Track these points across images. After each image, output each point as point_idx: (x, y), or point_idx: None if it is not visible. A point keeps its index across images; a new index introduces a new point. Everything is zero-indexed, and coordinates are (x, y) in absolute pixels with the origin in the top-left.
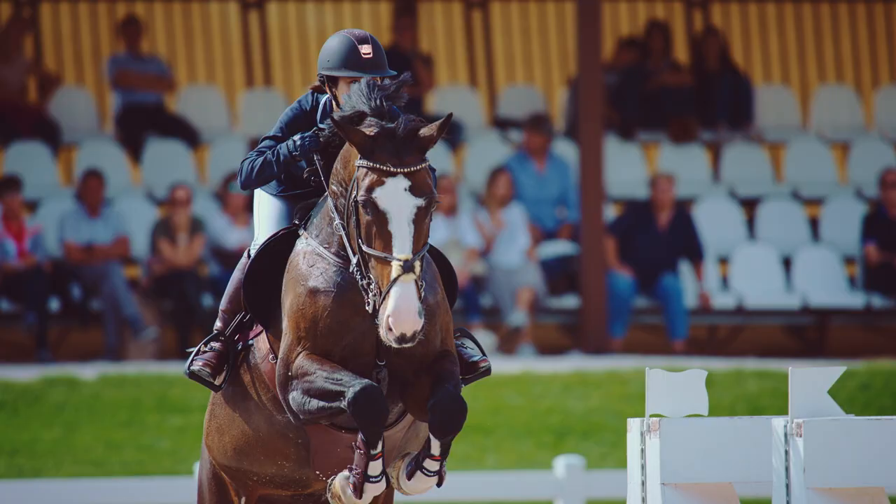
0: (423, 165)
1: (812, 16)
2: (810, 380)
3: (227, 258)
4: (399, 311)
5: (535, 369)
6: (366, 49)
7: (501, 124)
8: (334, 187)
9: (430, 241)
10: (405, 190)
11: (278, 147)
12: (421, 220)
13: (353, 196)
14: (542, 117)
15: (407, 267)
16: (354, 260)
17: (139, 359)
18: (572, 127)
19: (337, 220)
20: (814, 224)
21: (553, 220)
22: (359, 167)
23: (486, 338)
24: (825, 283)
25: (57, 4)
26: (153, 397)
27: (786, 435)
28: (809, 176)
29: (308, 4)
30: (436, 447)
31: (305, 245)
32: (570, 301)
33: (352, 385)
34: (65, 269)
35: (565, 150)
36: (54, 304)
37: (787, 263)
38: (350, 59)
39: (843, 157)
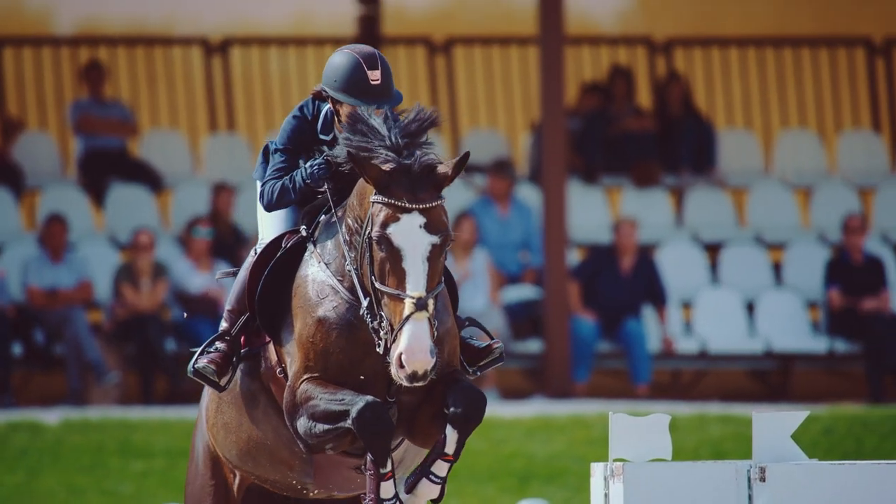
0: (439, 202)
1: (774, 60)
2: (774, 424)
3: (191, 303)
4: (411, 349)
5: (498, 413)
6: (374, 75)
7: (465, 169)
8: (350, 221)
9: None
10: (420, 227)
11: (294, 174)
12: (435, 258)
13: (367, 232)
14: (506, 162)
15: (420, 304)
16: (365, 302)
17: (102, 403)
18: (536, 171)
19: (349, 261)
20: (777, 268)
21: (517, 265)
22: (373, 203)
23: None
24: (788, 327)
25: (20, 49)
26: (116, 442)
27: (749, 479)
28: (772, 220)
29: (271, 49)
30: (451, 444)
31: (317, 271)
32: (533, 345)
33: (355, 403)
34: (28, 314)
35: (529, 195)
36: (17, 349)
37: (750, 308)
38: (357, 83)
39: (806, 202)
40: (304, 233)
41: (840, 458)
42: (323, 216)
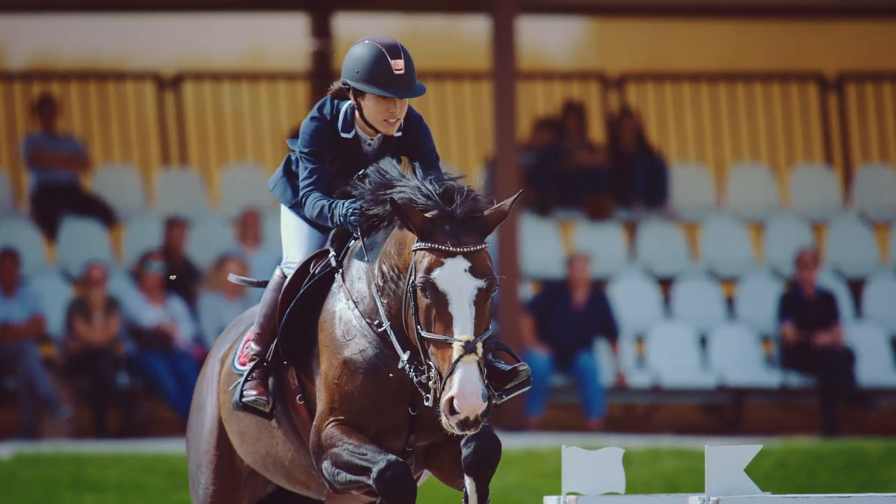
0: (483, 246)
1: (727, 95)
2: (727, 457)
3: (143, 336)
4: (463, 394)
5: None
6: (398, 64)
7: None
8: (385, 268)
9: None
10: (465, 271)
11: (333, 206)
12: (482, 302)
13: (410, 281)
14: None
15: (469, 348)
16: (406, 355)
17: (55, 437)
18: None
19: (382, 311)
20: (730, 303)
21: None
22: (416, 251)
23: None
24: (741, 361)
25: None
26: (69, 476)
27: None
28: (725, 254)
29: (224, 84)
30: (472, 495)
31: (345, 308)
32: None
33: (377, 462)
34: None
35: None
36: None
37: (703, 342)
38: (380, 73)
39: (758, 236)
40: (333, 261)
41: (793, 491)
42: (353, 241)
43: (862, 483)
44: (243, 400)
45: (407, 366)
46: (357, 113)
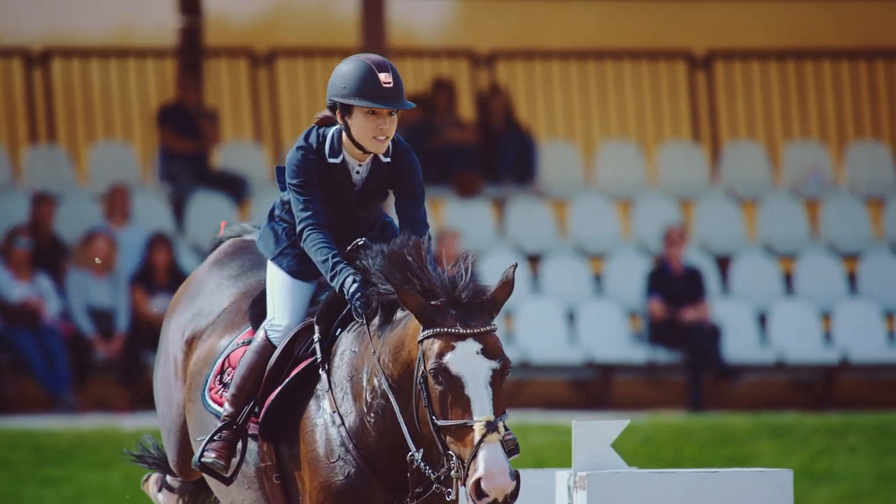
0: (493, 328)
1: (596, 73)
2: (594, 433)
3: (10, 313)
4: (490, 474)
5: None
6: (385, 77)
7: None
8: (376, 381)
9: None
10: (478, 353)
11: (335, 273)
12: (498, 384)
13: (420, 372)
14: None
15: (491, 427)
16: (419, 454)
17: None
18: None
19: (371, 423)
20: (598, 279)
21: None
22: (423, 340)
23: None
24: (609, 337)
25: None
26: None
27: (569, 488)
28: (593, 231)
29: (92, 61)
30: None
31: (329, 422)
32: None
33: None
34: None
35: None
36: None
37: (571, 318)
38: (368, 87)
39: (626, 213)
40: (318, 350)
41: (660, 466)
42: (341, 333)
43: (728, 458)
44: (202, 460)
45: (421, 463)
46: (345, 134)
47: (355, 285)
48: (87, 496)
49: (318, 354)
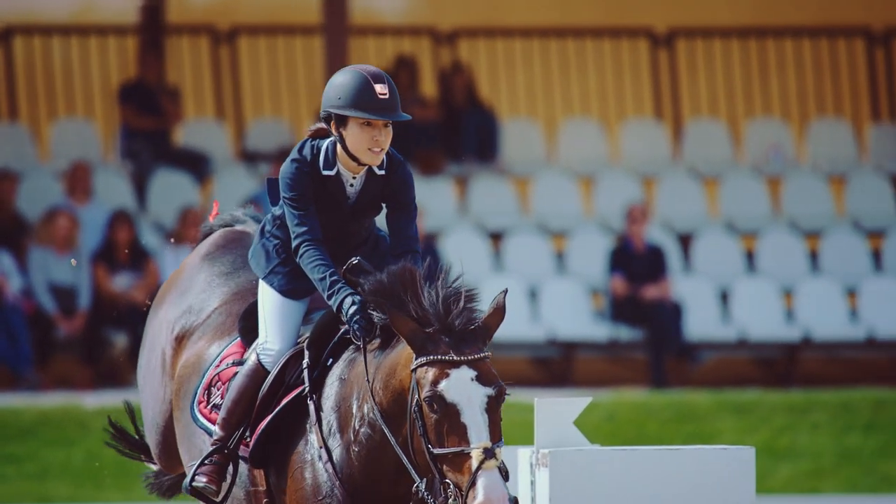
0: (487, 355)
1: (558, 51)
2: (556, 410)
3: None
4: (489, 500)
5: None
6: (381, 88)
7: (249, 157)
8: (366, 408)
9: None
10: (472, 380)
11: (334, 292)
12: (494, 410)
13: (414, 401)
14: (290, 150)
15: (489, 454)
16: (423, 484)
17: None
18: None
19: (355, 456)
20: (560, 257)
21: None
22: (416, 368)
23: None
24: (571, 315)
25: None
26: None
27: (531, 465)
28: (556, 209)
29: (54, 38)
30: None
31: (316, 457)
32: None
33: None
34: None
35: None
36: None
37: (533, 295)
38: (364, 98)
39: (588, 191)
40: (306, 379)
41: (622, 443)
42: (333, 363)
43: (690, 435)
44: (193, 484)
45: (425, 493)
46: (340, 146)
47: (354, 307)
48: (50, 473)
49: (307, 384)
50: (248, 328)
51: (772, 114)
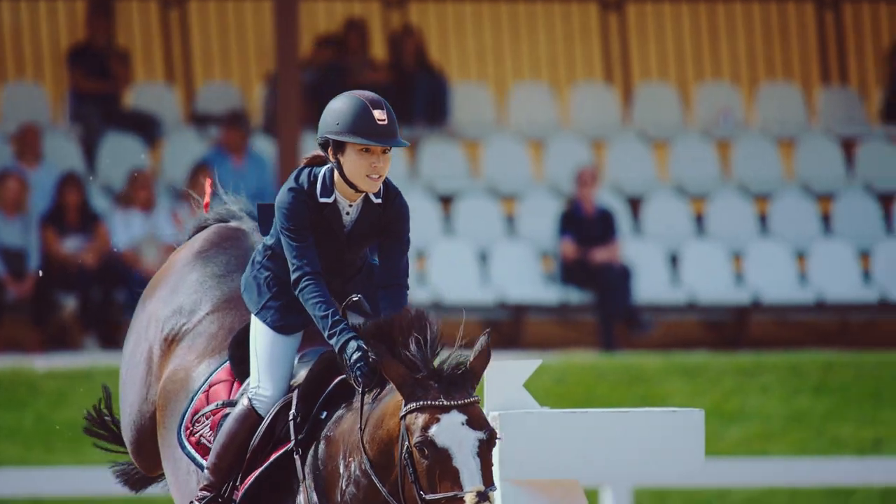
0: (476, 399)
1: (508, 14)
2: (506, 373)
3: None
4: None
5: None
6: (380, 114)
7: (199, 120)
8: (353, 465)
9: None
10: (463, 424)
11: (334, 332)
12: (486, 454)
13: (404, 448)
14: (240, 114)
15: (483, 496)
16: None
17: None
18: (270, 123)
19: None
20: (510, 220)
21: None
22: (405, 415)
23: None
24: (521, 278)
25: None
26: None
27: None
28: (506, 172)
29: (3, 2)
30: None
31: None
32: None
33: None
34: None
35: (263, 147)
36: None
37: (483, 258)
38: (363, 124)
39: (538, 154)
40: (292, 433)
41: (571, 406)
42: (322, 430)
43: (640, 397)
44: None
45: None
46: (337, 173)
47: (357, 354)
48: (0, 436)
49: (293, 440)
50: (238, 357)
51: (721, 77)
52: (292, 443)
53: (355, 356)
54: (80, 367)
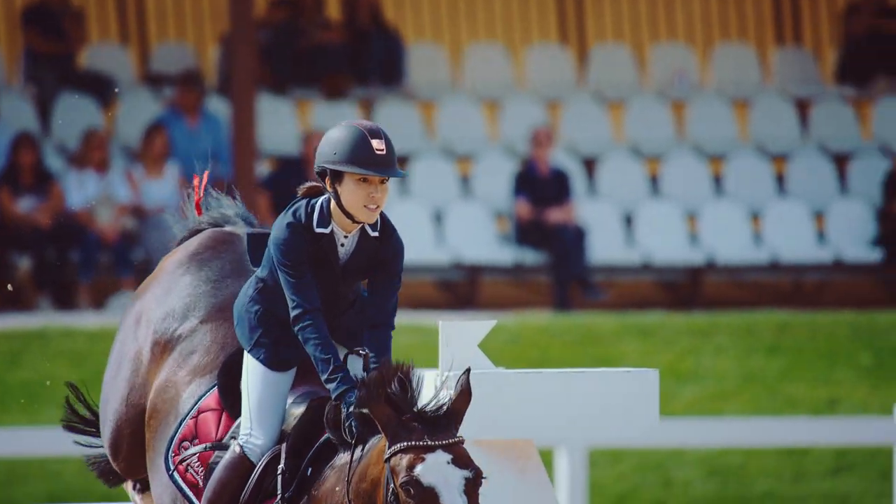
0: (460, 438)
1: None
2: (461, 333)
3: None
4: None
5: None
6: (378, 144)
7: (153, 80)
8: None
9: None
10: (448, 462)
11: (333, 379)
12: (472, 493)
13: (390, 490)
14: (195, 74)
15: None
16: None
17: None
18: (225, 83)
19: None
20: (465, 180)
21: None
22: (389, 457)
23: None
24: (476, 238)
25: None
26: None
27: (436, 388)
28: (461, 133)
29: None
30: None
31: None
32: None
33: None
34: None
35: (218, 107)
36: None
37: (438, 219)
38: (361, 153)
39: (493, 115)
40: (279, 488)
41: (526, 366)
42: (311, 475)
43: (595, 358)
44: None
45: None
46: (334, 203)
47: (355, 396)
48: None
49: (279, 496)
50: (227, 387)
51: (676, 38)
52: (278, 498)
53: (350, 415)
54: (34, 328)
